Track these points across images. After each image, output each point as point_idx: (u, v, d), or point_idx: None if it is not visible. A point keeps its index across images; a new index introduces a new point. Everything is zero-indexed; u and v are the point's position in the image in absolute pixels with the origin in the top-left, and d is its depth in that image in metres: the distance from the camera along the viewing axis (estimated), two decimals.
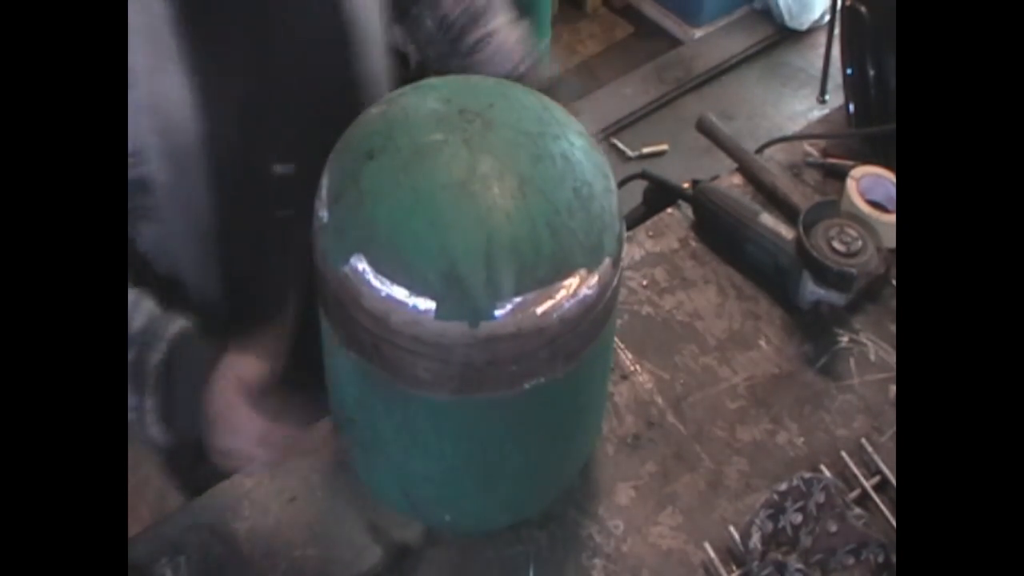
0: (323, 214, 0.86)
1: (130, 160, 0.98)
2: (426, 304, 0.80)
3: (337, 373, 0.96)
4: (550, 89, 1.05)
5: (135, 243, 1.09)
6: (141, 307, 0.97)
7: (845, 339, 1.26)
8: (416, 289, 0.81)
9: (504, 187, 0.83)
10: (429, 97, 0.90)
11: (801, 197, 1.35)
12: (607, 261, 0.86)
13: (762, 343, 1.26)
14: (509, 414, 0.91)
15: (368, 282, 0.82)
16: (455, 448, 0.94)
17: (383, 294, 0.81)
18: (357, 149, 0.86)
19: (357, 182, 0.84)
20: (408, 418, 0.92)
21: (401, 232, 0.82)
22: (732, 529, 1.07)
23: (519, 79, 1.15)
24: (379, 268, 0.82)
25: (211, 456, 0.96)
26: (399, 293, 0.81)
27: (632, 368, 1.23)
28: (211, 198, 1.05)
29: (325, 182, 0.87)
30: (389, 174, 0.84)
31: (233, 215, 1.08)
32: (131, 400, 0.94)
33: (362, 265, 0.82)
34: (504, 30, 1.24)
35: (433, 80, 0.96)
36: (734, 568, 1.05)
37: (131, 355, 0.94)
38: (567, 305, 0.83)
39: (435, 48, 1.25)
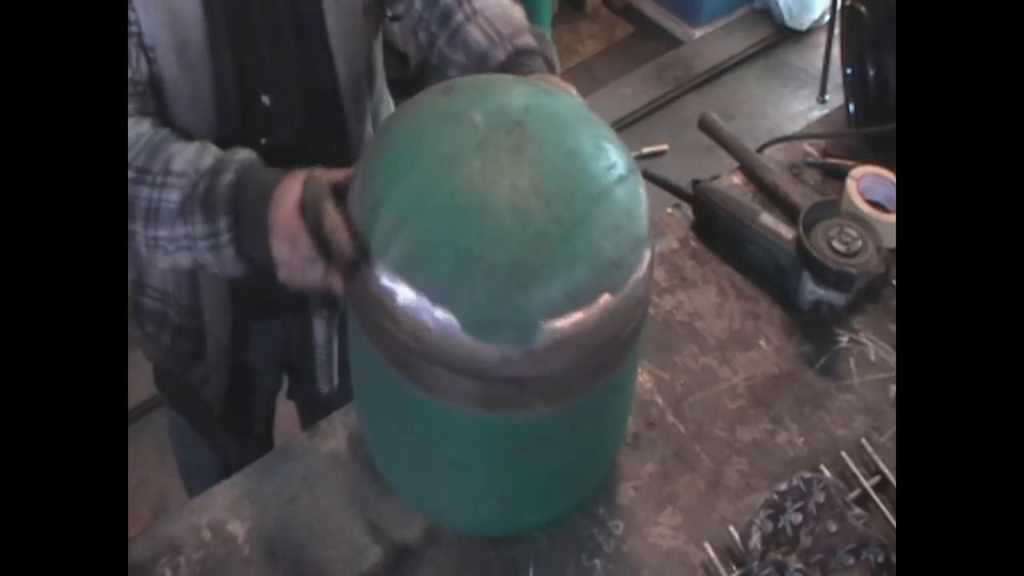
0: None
1: (149, 55, 1.08)
2: (454, 320, 0.81)
3: (369, 382, 0.97)
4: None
5: None
6: (208, 149, 1.03)
7: (845, 339, 1.26)
8: (448, 305, 0.81)
9: (544, 205, 0.82)
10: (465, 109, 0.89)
11: (801, 197, 1.35)
12: (638, 278, 0.86)
13: (762, 343, 1.26)
14: (534, 431, 0.92)
15: (399, 294, 0.82)
16: (476, 459, 0.95)
17: (415, 307, 0.82)
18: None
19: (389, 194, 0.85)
20: (431, 427, 0.93)
21: (434, 247, 0.82)
22: (732, 529, 1.07)
23: (511, 57, 1.13)
24: (411, 282, 0.82)
25: (272, 269, 0.99)
26: (430, 308, 0.81)
27: None
28: (215, 99, 1.12)
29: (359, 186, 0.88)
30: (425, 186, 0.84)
31: (231, 132, 1.14)
32: (205, 228, 0.99)
33: (393, 282, 0.83)
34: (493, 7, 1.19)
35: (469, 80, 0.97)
36: (734, 568, 1.05)
37: (203, 185, 0.99)
38: (597, 324, 0.84)
39: (424, 31, 1.23)
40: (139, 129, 1.04)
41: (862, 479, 1.11)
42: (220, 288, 1.26)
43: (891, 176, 1.33)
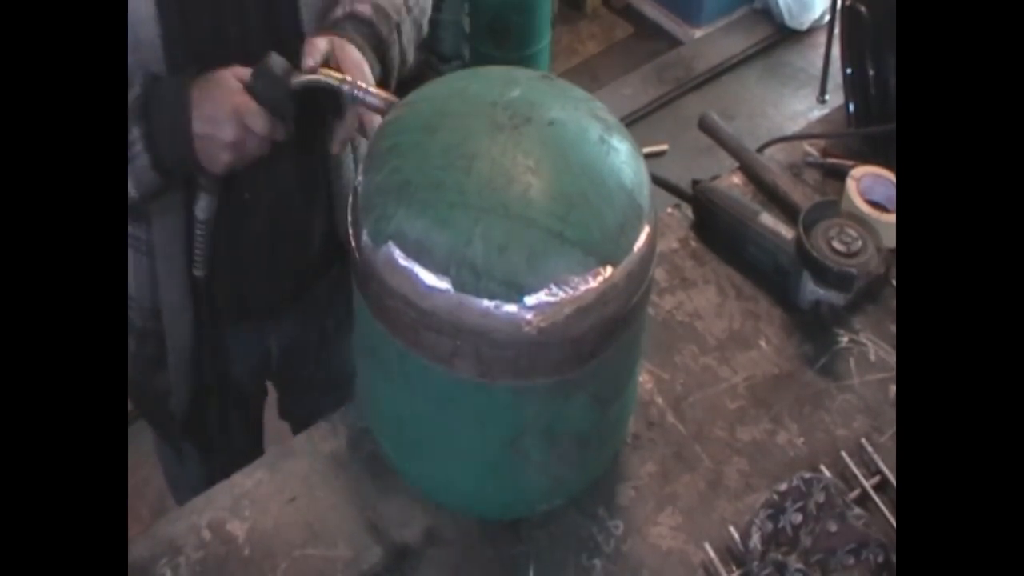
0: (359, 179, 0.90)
1: None
2: (454, 288, 0.83)
3: (376, 359, 0.98)
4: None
5: None
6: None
7: (845, 339, 1.26)
8: (450, 274, 0.83)
9: (542, 182, 0.85)
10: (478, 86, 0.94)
11: (801, 197, 1.35)
12: (640, 247, 0.88)
13: (762, 343, 1.26)
14: (535, 403, 0.92)
15: (397, 262, 0.85)
16: (481, 433, 0.96)
17: (407, 272, 0.85)
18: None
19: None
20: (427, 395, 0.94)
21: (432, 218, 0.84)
22: (732, 529, 1.07)
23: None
24: (407, 251, 0.84)
25: (193, 170, 1.06)
26: (423, 275, 0.84)
27: None
28: None
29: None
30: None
31: None
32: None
33: (394, 250, 0.85)
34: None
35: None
36: (734, 568, 1.05)
37: None
38: (594, 298, 0.85)
39: None
40: None
41: (862, 479, 1.11)
42: (179, 287, 1.22)
43: (891, 176, 1.33)
